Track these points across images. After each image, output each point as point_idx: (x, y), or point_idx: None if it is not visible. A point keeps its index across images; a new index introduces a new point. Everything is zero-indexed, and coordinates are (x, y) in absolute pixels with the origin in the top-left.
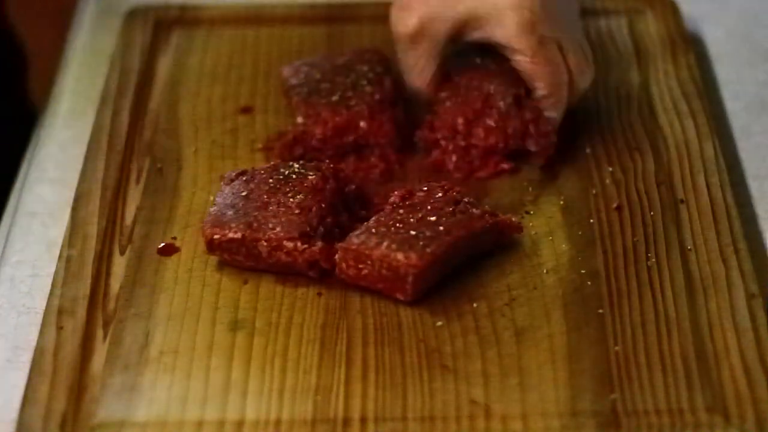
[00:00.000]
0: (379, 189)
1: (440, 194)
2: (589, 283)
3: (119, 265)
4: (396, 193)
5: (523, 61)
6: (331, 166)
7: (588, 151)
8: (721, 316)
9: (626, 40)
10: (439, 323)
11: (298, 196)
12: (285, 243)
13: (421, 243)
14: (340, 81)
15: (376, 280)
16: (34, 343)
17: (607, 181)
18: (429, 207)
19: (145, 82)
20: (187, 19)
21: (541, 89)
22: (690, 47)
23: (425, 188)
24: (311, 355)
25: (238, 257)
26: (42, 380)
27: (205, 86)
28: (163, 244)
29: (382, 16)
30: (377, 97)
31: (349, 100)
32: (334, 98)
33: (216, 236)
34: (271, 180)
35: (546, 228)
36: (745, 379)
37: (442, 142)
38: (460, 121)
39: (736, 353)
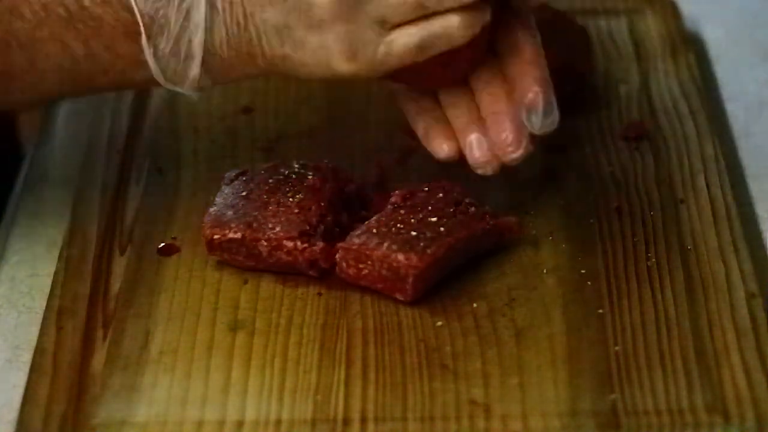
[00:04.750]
0: (379, 189)
1: (441, 195)
2: (589, 283)
3: (119, 265)
4: (397, 192)
5: None
6: (330, 165)
7: (588, 151)
8: (721, 316)
9: (626, 40)
10: (439, 323)
11: (297, 196)
12: (285, 242)
13: (421, 244)
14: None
15: (376, 280)
16: (34, 343)
17: (607, 181)
18: (430, 207)
19: None
20: None
21: None
22: (690, 47)
23: (426, 188)
24: (311, 355)
25: (238, 257)
26: (42, 380)
27: None
28: (163, 244)
29: None
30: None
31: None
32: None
33: (216, 236)
34: (271, 180)
35: (546, 228)
36: (745, 379)
37: None
38: None
39: (736, 353)
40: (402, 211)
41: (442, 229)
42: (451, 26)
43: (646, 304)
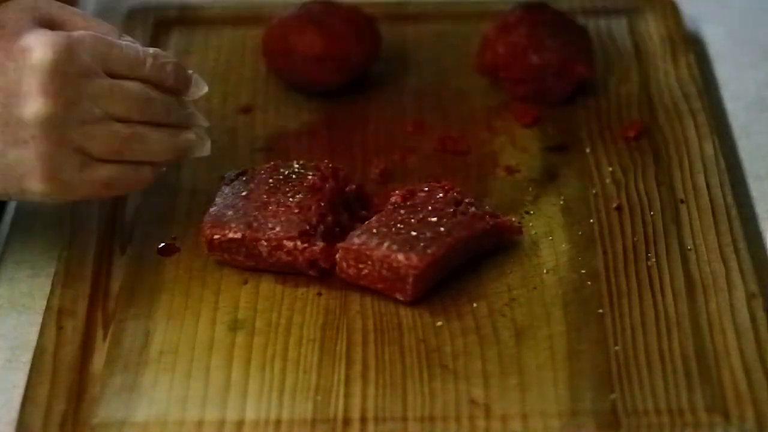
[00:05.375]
0: (379, 189)
1: (441, 195)
2: (589, 283)
3: (119, 265)
4: (397, 192)
5: None
6: (330, 165)
7: (588, 151)
8: (721, 316)
9: (626, 40)
10: (439, 323)
11: (297, 196)
12: (285, 242)
13: (421, 244)
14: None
15: (377, 280)
16: (34, 343)
17: (607, 181)
18: (430, 207)
19: None
20: (187, 19)
21: None
22: (690, 47)
23: (426, 188)
24: (311, 355)
25: (238, 257)
26: (42, 380)
27: None
28: (163, 244)
29: (381, 16)
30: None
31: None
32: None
33: (216, 236)
34: (271, 180)
35: (546, 228)
36: (745, 379)
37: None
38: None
39: (736, 353)
40: (402, 211)
41: (442, 229)
42: (142, 175)
43: (646, 304)
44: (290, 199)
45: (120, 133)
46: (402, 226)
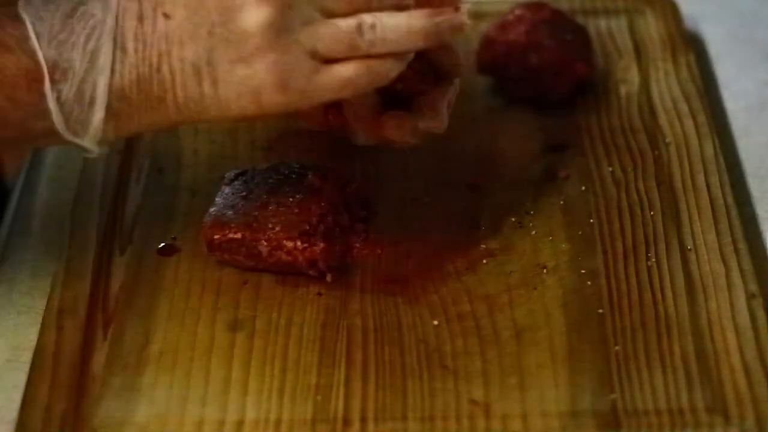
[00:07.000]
0: (379, 189)
1: None
2: (589, 283)
3: (119, 265)
4: None
5: None
6: (331, 165)
7: (588, 151)
8: (721, 316)
9: (626, 40)
10: (439, 323)
11: (297, 196)
12: (285, 242)
13: None
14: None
15: None
16: (34, 343)
17: (607, 181)
18: None
19: None
20: None
21: None
22: (690, 47)
23: None
24: (311, 355)
25: (238, 257)
26: (42, 380)
27: None
28: (163, 244)
29: None
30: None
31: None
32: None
33: (216, 236)
34: (271, 180)
35: (546, 228)
36: (745, 379)
37: None
38: None
39: (736, 353)
40: None
41: None
42: (383, 69)
43: (646, 304)
44: (290, 199)
45: (346, 27)
46: None
